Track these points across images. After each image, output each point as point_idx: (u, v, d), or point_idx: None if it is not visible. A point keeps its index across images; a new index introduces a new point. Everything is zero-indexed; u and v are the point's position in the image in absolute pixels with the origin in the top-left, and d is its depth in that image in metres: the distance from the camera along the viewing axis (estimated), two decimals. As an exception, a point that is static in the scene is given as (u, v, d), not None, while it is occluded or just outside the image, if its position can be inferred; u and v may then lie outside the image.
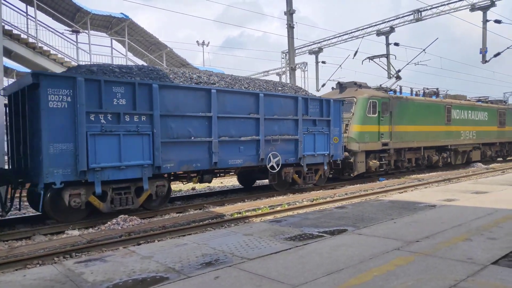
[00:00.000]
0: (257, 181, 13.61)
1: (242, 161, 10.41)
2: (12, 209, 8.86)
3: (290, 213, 8.76)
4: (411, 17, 23.68)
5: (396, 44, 23.51)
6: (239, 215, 8.80)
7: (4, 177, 8.07)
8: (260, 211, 9.21)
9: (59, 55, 17.37)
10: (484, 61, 20.81)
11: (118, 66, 9.71)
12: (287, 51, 22.33)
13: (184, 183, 10.79)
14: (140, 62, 24.25)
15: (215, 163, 9.73)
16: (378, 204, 7.78)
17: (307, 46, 29.76)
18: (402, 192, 11.23)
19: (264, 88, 11.77)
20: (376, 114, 14.80)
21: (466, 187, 10.06)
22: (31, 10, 17.53)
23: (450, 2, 22.07)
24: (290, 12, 19.62)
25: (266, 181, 12.36)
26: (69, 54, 18.19)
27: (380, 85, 17.15)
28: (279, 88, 12.35)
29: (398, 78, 17.43)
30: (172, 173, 9.85)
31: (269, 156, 10.85)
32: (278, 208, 9.46)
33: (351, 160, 14.09)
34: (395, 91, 17.08)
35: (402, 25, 24.15)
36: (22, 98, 8.03)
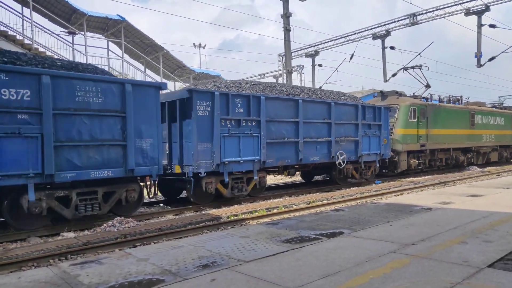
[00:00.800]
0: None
1: (318, 158, 12.61)
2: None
3: (286, 215, 8.76)
4: (407, 21, 23.83)
5: (392, 48, 23.67)
6: (235, 217, 8.80)
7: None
8: (256, 213, 9.20)
9: (55, 57, 17.29)
10: (479, 65, 21.01)
11: (232, 82, 12.22)
12: (284, 54, 22.40)
13: (275, 175, 13.97)
14: (136, 63, 24.23)
15: (301, 159, 11.92)
16: (374, 207, 7.80)
17: (304, 49, 29.87)
18: (398, 195, 11.27)
19: (332, 98, 14.00)
20: (416, 119, 17.07)
21: (462, 190, 10.12)
22: (27, 12, 17.49)
23: (445, 6, 22.26)
24: (286, 15, 19.71)
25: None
26: (65, 56, 18.12)
27: (413, 93, 19.41)
28: (343, 98, 14.62)
29: (428, 86, 19.56)
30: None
31: (337, 154, 13.04)
32: (275, 211, 9.46)
33: (395, 159, 16.31)
34: (427, 99, 19.10)
35: (398, 29, 24.31)
36: (172, 106, 10.18)
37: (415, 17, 23.47)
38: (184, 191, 11.26)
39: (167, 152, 10.47)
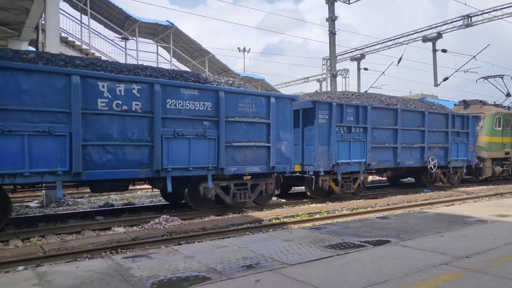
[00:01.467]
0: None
1: (412, 162, 13.64)
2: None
3: (329, 221, 8.63)
4: (460, 22, 22.68)
5: (444, 51, 22.61)
6: (277, 220, 8.80)
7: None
8: (298, 218, 9.14)
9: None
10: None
11: (341, 92, 14.20)
12: (328, 57, 22.14)
13: (374, 177, 15.94)
14: (183, 67, 25.02)
15: (398, 163, 13.06)
16: (423, 216, 7.48)
17: (349, 52, 29.33)
18: (449, 205, 10.71)
19: (425, 107, 14.88)
20: (501, 128, 17.52)
21: (520, 202, 9.43)
22: (85, 19, 18.68)
23: (503, 7, 20.93)
24: (332, 19, 19.49)
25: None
26: (118, 60, 19.12)
27: (495, 102, 19.73)
28: (433, 107, 15.53)
29: (508, 95, 20.18)
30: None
31: (429, 159, 13.95)
32: (317, 216, 9.34)
33: (480, 165, 16.76)
34: (508, 107, 19.70)
35: (451, 31, 23.19)
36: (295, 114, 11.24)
37: (469, 19, 22.28)
38: (294, 187, 13.53)
39: None
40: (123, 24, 21.25)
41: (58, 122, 7.17)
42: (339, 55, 27.54)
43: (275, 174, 10.83)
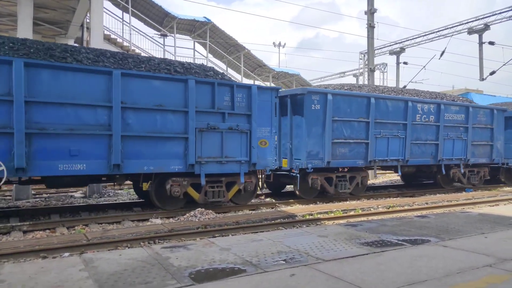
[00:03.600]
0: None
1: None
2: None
3: (364, 218, 8.47)
4: (510, 13, 21.33)
5: (491, 43, 21.38)
6: (310, 216, 8.75)
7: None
8: (332, 214, 9.04)
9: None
10: None
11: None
12: (366, 51, 21.57)
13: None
14: (219, 63, 25.31)
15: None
16: (465, 216, 7.17)
17: (388, 46, 28.43)
18: (493, 206, 10.18)
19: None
20: None
21: None
22: (126, 17, 19.31)
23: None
24: (371, 12, 18.94)
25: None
26: (156, 56, 19.63)
27: None
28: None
29: None
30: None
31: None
32: (352, 213, 9.21)
33: None
34: None
35: (499, 22, 21.86)
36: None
37: (520, 9, 20.90)
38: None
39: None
40: (162, 21, 21.76)
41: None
42: (377, 49, 26.76)
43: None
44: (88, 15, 15.16)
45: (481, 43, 22.26)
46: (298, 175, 10.29)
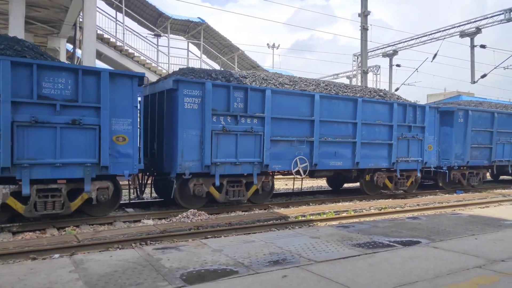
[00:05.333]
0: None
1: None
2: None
3: (356, 220, 8.50)
4: (501, 17, 21.61)
5: (483, 46, 21.64)
6: (303, 218, 8.76)
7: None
8: (325, 215, 9.06)
9: (142, 57, 18.76)
10: None
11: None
12: (359, 53, 21.71)
13: None
14: (213, 64, 25.26)
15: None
16: (455, 217, 7.24)
17: (381, 48, 28.65)
18: (483, 207, 10.30)
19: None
20: None
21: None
22: (120, 17, 19.22)
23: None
24: (364, 14, 19.08)
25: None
26: (150, 56, 19.57)
27: None
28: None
29: None
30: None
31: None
32: (344, 214, 9.23)
33: None
34: None
35: (491, 25, 22.14)
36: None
37: (511, 13, 21.19)
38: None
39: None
40: (156, 21, 21.69)
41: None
42: (370, 51, 26.95)
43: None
44: (81, 14, 15.05)
45: (472, 46, 22.54)
46: (446, 171, 13.26)
